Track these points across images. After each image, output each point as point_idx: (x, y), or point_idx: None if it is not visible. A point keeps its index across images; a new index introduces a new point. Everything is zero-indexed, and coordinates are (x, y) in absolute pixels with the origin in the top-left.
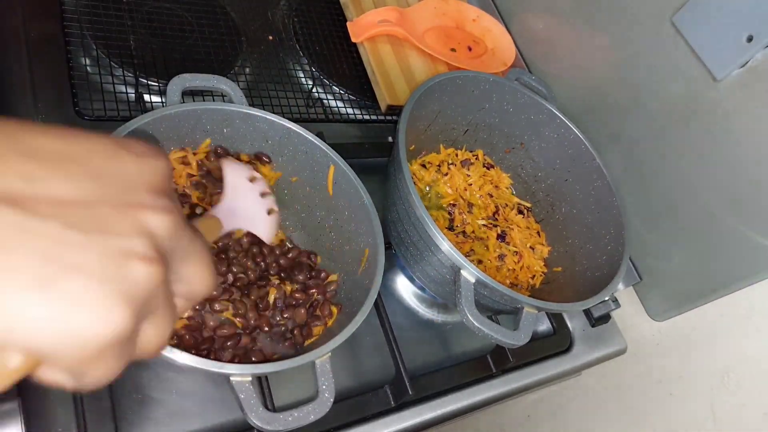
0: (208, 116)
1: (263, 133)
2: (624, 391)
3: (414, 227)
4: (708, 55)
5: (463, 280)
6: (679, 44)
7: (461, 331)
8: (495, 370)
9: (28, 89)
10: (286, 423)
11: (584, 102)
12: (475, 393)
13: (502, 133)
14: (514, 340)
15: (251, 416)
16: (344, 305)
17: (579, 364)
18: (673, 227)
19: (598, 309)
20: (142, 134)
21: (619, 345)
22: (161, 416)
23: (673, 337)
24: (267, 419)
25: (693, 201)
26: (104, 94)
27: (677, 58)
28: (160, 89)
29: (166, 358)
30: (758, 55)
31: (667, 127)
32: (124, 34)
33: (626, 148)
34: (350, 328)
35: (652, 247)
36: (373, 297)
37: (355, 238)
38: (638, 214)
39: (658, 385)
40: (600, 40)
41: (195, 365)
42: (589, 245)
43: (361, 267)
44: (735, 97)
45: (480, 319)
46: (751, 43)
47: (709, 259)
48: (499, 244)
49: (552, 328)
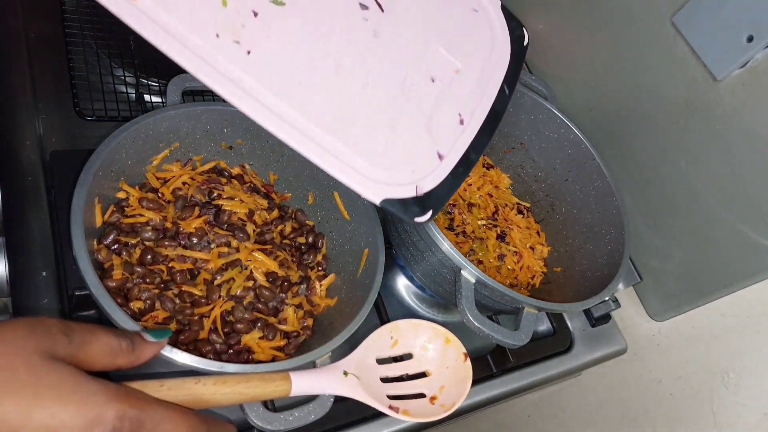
0: (208, 116)
1: (264, 133)
2: (624, 391)
3: (414, 227)
4: (708, 55)
5: (463, 280)
6: (679, 44)
7: (461, 331)
8: (495, 370)
9: (28, 89)
10: (286, 423)
11: (584, 102)
12: (475, 393)
13: (502, 133)
14: (515, 340)
15: (251, 416)
16: (344, 305)
17: (579, 364)
18: (673, 227)
19: (598, 309)
20: (144, 134)
21: (619, 345)
22: None
23: (673, 337)
24: (267, 419)
25: (693, 201)
26: (104, 94)
27: (677, 58)
28: (160, 89)
29: (166, 358)
30: (758, 55)
31: (667, 126)
32: (124, 34)
33: (626, 148)
34: (350, 328)
35: (652, 247)
36: (373, 297)
37: (355, 238)
38: (638, 214)
39: (658, 385)
40: (600, 40)
41: (195, 365)
42: (589, 245)
43: (360, 267)
44: (735, 97)
45: (480, 319)
46: (751, 43)
47: (709, 259)
48: (498, 244)
49: (552, 328)
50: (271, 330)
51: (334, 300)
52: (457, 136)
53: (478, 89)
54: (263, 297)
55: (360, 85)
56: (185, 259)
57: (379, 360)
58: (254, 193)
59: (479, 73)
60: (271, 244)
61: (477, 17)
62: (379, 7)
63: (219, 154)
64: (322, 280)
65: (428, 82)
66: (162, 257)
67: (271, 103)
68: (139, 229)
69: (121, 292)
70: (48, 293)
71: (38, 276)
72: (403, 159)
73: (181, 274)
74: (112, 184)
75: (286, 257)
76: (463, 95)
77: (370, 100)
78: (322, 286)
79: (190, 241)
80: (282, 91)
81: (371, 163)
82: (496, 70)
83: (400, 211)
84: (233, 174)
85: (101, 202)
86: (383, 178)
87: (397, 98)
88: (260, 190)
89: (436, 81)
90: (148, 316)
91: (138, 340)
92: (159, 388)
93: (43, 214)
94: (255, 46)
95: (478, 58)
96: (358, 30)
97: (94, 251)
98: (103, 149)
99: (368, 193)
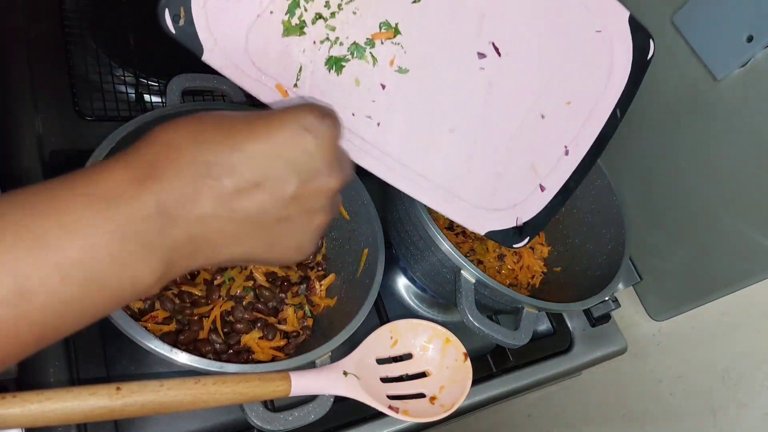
0: None
1: None
2: (624, 391)
3: (414, 227)
4: (708, 55)
5: (463, 280)
6: (679, 44)
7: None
8: (495, 370)
9: (28, 89)
10: (286, 423)
11: None
12: (475, 393)
13: None
14: (515, 340)
15: (251, 416)
16: (344, 305)
17: (579, 364)
18: (674, 227)
19: (598, 309)
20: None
21: (619, 345)
22: (161, 416)
23: (673, 337)
24: (267, 419)
25: (693, 201)
26: (104, 93)
27: (677, 58)
28: (160, 89)
29: (166, 358)
30: (758, 55)
31: (667, 126)
32: (124, 34)
33: (626, 148)
34: (350, 328)
35: (652, 247)
36: (373, 297)
37: (355, 237)
38: (638, 214)
39: (658, 385)
40: None
41: (195, 365)
42: (589, 245)
43: (360, 267)
44: (735, 97)
45: (480, 319)
46: (751, 43)
47: (710, 259)
48: (498, 244)
49: (552, 328)
50: (271, 330)
51: (333, 300)
52: (561, 166)
53: (588, 118)
54: (263, 297)
55: (472, 141)
56: None
57: (379, 360)
58: None
59: (592, 102)
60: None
61: (598, 39)
62: (496, 51)
63: None
64: (321, 280)
65: (538, 121)
66: None
67: (395, 165)
68: None
69: None
70: None
71: None
72: (507, 197)
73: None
74: None
75: None
76: (572, 127)
77: (482, 151)
78: (321, 286)
79: None
80: (404, 156)
81: (477, 205)
82: (610, 95)
83: (500, 240)
84: None
85: None
86: (488, 213)
87: (507, 144)
88: None
89: (546, 117)
90: (148, 316)
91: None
92: (159, 388)
93: None
94: (383, 117)
95: (592, 86)
96: (474, 83)
97: None
98: (103, 149)
99: (474, 226)
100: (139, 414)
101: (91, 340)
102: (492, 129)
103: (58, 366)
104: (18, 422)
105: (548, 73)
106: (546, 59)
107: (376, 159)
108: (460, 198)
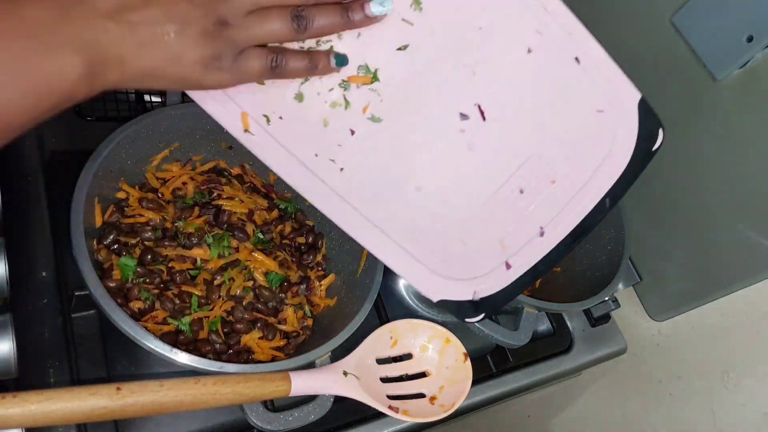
0: (208, 116)
1: None
2: (624, 391)
3: None
4: (708, 56)
5: None
6: (679, 44)
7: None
8: (495, 370)
9: None
10: (286, 423)
11: None
12: (475, 393)
13: None
14: (514, 340)
15: (251, 416)
16: (344, 305)
17: (579, 364)
18: (673, 227)
19: (598, 309)
20: (144, 134)
21: (619, 345)
22: (161, 416)
23: (673, 337)
24: (267, 419)
25: (693, 201)
26: (104, 93)
27: (677, 58)
28: None
29: (166, 358)
30: (758, 55)
31: (667, 127)
32: None
33: None
34: (350, 328)
35: (652, 247)
36: (373, 297)
37: None
38: (638, 214)
39: (658, 385)
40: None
41: (195, 365)
42: (589, 245)
43: (360, 267)
44: (735, 97)
45: None
46: (751, 43)
47: (709, 259)
48: None
49: (552, 328)
50: (271, 330)
51: (333, 300)
52: (532, 248)
53: (572, 202)
54: (263, 297)
55: (440, 202)
56: (185, 259)
57: (379, 360)
58: (254, 193)
59: (580, 185)
60: (270, 244)
61: (600, 119)
62: (481, 115)
63: (219, 154)
64: (321, 280)
65: (516, 194)
66: (162, 257)
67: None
68: (138, 229)
69: (121, 292)
70: (48, 293)
71: (38, 276)
72: (468, 267)
73: (180, 275)
74: (111, 184)
75: (285, 257)
76: (552, 208)
77: (448, 216)
78: (321, 286)
79: (189, 241)
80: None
81: (434, 270)
82: (602, 181)
83: (453, 311)
84: (233, 174)
85: (101, 202)
86: (444, 281)
87: (477, 213)
88: (260, 190)
89: (525, 192)
90: (148, 316)
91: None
92: (159, 389)
93: (43, 214)
94: (347, 163)
95: (584, 168)
96: (451, 145)
97: (94, 251)
98: (103, 149)
99: (428, 292)
100: (139, 414)
101: (91, 340)
102: (463, 194)
103: (58, 366)
104: (18, 422)
105: (535, 146)
106: (535, 132)
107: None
108: (416, 260)
